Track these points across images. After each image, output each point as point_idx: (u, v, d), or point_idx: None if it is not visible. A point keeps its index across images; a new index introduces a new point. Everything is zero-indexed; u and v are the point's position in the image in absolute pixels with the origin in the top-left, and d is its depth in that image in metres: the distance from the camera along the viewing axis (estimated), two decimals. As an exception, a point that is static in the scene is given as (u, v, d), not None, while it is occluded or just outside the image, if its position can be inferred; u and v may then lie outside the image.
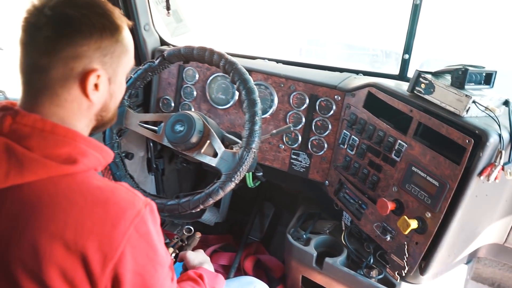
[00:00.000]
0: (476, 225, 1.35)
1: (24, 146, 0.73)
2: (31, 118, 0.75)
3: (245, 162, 1.27)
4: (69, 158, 0.75)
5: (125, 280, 0.75)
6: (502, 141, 1.15)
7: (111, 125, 0.94)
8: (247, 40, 3.73)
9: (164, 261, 0.83)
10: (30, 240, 0.70)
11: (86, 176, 0.76)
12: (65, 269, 0.71)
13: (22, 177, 0.71)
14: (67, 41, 0.75)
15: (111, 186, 0.77)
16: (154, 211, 0.82)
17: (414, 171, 1.30)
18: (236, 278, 1.41)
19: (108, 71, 0.81)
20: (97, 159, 0.80)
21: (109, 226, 0.73)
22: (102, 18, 0.78)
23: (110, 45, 0.79)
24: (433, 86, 1.29)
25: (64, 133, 0.77)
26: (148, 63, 1.51)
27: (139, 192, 0.81)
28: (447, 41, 2.67)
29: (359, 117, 1.53)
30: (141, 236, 0.76)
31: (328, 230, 1.68)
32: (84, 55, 0.76)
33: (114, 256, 0.73)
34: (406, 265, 1.33)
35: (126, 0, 1.79)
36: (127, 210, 0.75)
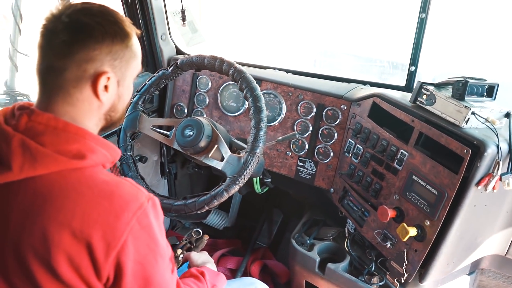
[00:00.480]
0: (476, 235, 1.36)
1: (38, 142, 0.80)
2: (45, 116, 0.82)
3: (249, 166, 1.33)
4: (79, 154, 0.81)
5: (127, 268, 0.81)
6: (500, 152, 1.17)
7: (119, 125, 1.01)
8: (264, 52, 3.81)
9: (164, 252, 0.89)
10: (41, 228, 0.77)
11: (94, 171, 0.83)
12: (71, 255, 0.77)
13: (35, 170, 0.78)
14: (82, 45, 0.82)
15: (117, 180, 0.84)
16: (157, 206, 0.88)
17: (415, 180, 1.33)
18: (238, 279, 1.45)
19: (117, 74, 0.88)
20: (105, 156, 0.87)
21: (113, 217, 0.78)
22: (114, 26, 0.86)
23: (120, 50, 0.86)
24: (434, 97, 1.32)
25: (75, 131, 0.84)
26: (162, 71, 1.59)
27: (143, 188, 0.87)
28: (462, 56, 2.68)
29: (363, 126, 1.57)
30: (143, 228, 0.82)
31: (332, 237, 1.71)
32: (96, 59, 0.83)
33: (117, 245, 0.78)
34: (405, 272, 1.36)
35: (144, 11, 1.88)
36: (131, 203, 0.81)
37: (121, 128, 1.56)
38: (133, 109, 1.58)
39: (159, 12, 1.93)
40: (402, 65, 1.67)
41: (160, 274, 0.87)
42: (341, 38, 3.18)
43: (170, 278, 0.91)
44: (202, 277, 1.17)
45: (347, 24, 3.09)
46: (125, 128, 1.56)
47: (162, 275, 0.88)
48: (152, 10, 1.88)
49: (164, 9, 1.95)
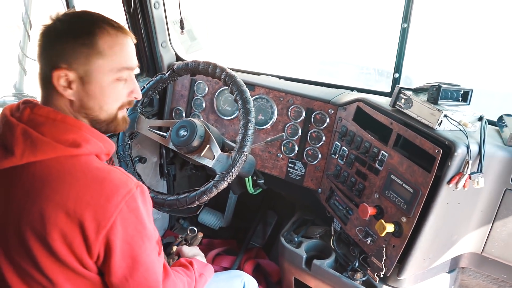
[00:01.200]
0: (451, 233, 1.43)
1: (38, 132, 0.90)
2: (46, 110, 0.93)
3: (237, 164, 1.42)
4: (74, 143, 0.91)
5: (116, 247, 0.89)
6: (469, 152, 1.25)
7: (113, 129, 1.05)
8: (267, 61, 3.94)
9: (151, 235, 0.97)
10: (39, 207, 0.86)
11: (88, 159, 0.93)
12: (65, 233, 0.86)
13: (35, 156, 0.88)
14: (43, 46, 0.94)
15: (108, 168, 0.93)
16: (145, 193, 0.97)
17: (393, 179, 1.41)
18: (226, 271, 1.52)
19: (78, 71, 0.93)
20: (99, 146, 0.96)
21: (103, 200, 0.87)
22: (77, 24, 0.94)
23: (78, 47, 0.92)
24: (411, 101, 1.41)
25: (72, 123, 0.94)
26: (159, 75, 1.69)
27: (133, 176, 0.97)
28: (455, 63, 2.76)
29: (349, 129, 1.65)
30: (131, 211, 0.91)
31: (319, 235, 1.79)
32: (55, 54, 0.92)
33: (107, 224, 0.87)
34: (384, 267, 1.43)
35: (146, 20, 2.00)
36: (120, 188, 0.90)
37: (120, 128, 1.66)
38: (132, 111, 1.68)
39: (160, 21, 2.04)
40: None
41: (147, 254, 0.96)
42: (340, 48, 3.29)
43: (156, 259, 1.00)
44: (191, 266, 1.26)
45: (345, 36, 3.21)
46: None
47: (148, 255, 0.96)
48: (153, 19, 2.00)
49: (164, 18, 2.06)
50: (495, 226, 1.44)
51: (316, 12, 3.52)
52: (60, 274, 0.90)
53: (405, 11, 1.59)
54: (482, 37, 2.48)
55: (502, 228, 1.43)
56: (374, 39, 2.79)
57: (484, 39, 2.47)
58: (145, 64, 2.13)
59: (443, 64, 2.60)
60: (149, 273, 0.98)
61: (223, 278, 1.45)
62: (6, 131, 0.92)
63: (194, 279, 1.20)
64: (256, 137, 1.91)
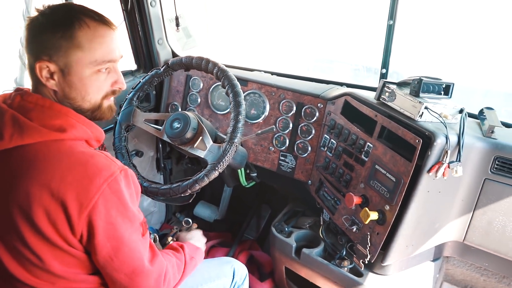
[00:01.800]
0: (433, 221, 1.49)
1: (26, 117, 0.96)
2: (35, 97, 1.00)
3: (227, 154, 1.48)
4: (60, 128, 0.97)
5: (98, 226, 0.94)
6: (448, 142, 1.31)
7: (99, 117, 1.10)
8: (264, 58, 4.01)
9: (134, 217, 1.02)
10: (25, 187, 0.92)
11: (73, 143, 0.99)
12: (49, 211, 0.91)
13: (22, 139, 0.94)
14: (31, 37, 0.99)
15: (93, 152, 0.99)
16: (129, 177, 1.01)
17: (377, 169, 1.47)
18: (217, 258, 1.58)
19: (59, 63, 0.98)
20: (85, 131, 1.02)
21: (86, 181, 0.92)
22: (56, 16, 0.98)
23: (57, 41, 0.96)
24: (395, 94, 1.47)
25: (59, 109, 1.00)
26: (155, 70, 1.75)
27: (119, 161, 1.02)
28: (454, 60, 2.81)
29: (337, 122, 1.71)
30: (113, 193, 0.95)
31: (309, 225, 1.85)
32: (37, 48, 0.98)
33: (89, 205, 0.92)
34: (369, 254, 1.49)
35: (143, 17, 2.06)
36: (103, 170, 0.95)
37: (117, 121, 1.73)
38: (128, 104, 1.74)
39: (157, 19, 2.11)
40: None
41: (129, 234, 1.00)
42: (333, 46, 3.37)
43: (139, 239, 1.04)
44: (181, 250, 1.31)
45: (338, 34, 3.28)
46: (120, 121, 1.72)
47: (131, 235, 1.01)
48: (150, 17, 2.06)
49: (161, 16, 2.12)
50: (475, 215, 1.50)
51: (311, 12, 3.60)
52: (47, 252, 0.96)
53: (391, 8, 1.65)
54: (468, 38, 2.55)
55: (482, 217, 1.49)
56: (364, 38, 2.85)
57: (469, 40, 2.54)
58: (142, 61, 2.19)
59: (431, 61, 2.66)
60: (133, 252, 1.02)
61: (214, 264, 1.51)
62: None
63: (183, 261, 1.26)
64: (249, 131, 1.97)
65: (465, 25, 2.51)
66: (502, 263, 1.55)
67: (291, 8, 3.87)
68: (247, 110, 1.98)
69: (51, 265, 0.97)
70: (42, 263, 0.97)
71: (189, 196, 1.57)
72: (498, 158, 1.41)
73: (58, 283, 1.01)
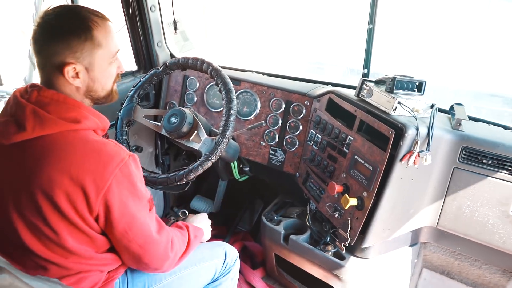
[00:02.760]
0: (408, 207, 1.63)
1: (45, 110, 1.08)
2: (50, 92, 1.11)
3: (220, 145, 1.61)
4: (75, 119, 1.10)
5: (113, 206, 1.08)
6: (418, 133, 1.45)
7: (109, 101, 1.25)
8: (263, 61, 4.18)
9: (142, 195, 1.16)
10: (46, 173, 1.05)
11: (87, 133, 1.12)
12: (69, 193, 1.04)
13: (43, 130, 1.07)
14: (47, 42, 1.08)
15: (104, 141, 1.12)
16: (136, 161, 1.16)
17: (357, 159, 1.61)
18: (210, 242, 1.71)
19: (83, 63, 1.10)
20: (95, 122, 1.15)
21: (101, 167, 1.06)
22: (73, 22, 1.10)
23: (80, 44, 1.09)
24: (372, 91, 1.61)
25: (72, 102, 1.13)
26: (154, 70, 1.90)
27: (125, 147, 1.16)
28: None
29: (322, 118, 1.85)
30: (124, 176, 1.09)
31: (296, 214, 1.98)
32: (58, 53, 1.09)
33: (104, 187, 1.06)
34: (349, 237, 1.62)
35: (143, 22, 2.21)
36: (115, 157, 1.08)
37: (119, 116, 1.87)
38: (129, 101, 1.88)
39: (156, 23, 2.25)
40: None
41: (139, 210, 1.15)
42: (323, 49, 3.54)
43: (147, 214, 1.19)
44: (186, 229, 1.43)
45: (327, 38, 3.45)
46: (122, 116, 1.86)
47: (141, 211, 1.15)
48: (150, 21, 2.21)
49: (160, 20, 2.27)
50: (446, 201, 1.63)
51: (303, 18, 3.77)
52: (64, 229, 1.09)
53: (371, 13, 1.80)
54: (445, 42, 2.71)
55: (452, 203, 1.63)
56: (351, 41, 3.01)
57: (446, 43, 2.70)
58: (142, 62, 2.34)
59: (412, 63, 2.82)
60: (144, 225, 1.17)
61: (207, 247, 1.64)
62: (18, 110, 1.10)
63: (187, 237, 1.39)
64: (242, 127, 2.11)
65: (442, 30, 2.68)
66: (472, 247, 1.69)
67: (285, 13, 4.04)
68: (240, 108, 2.12)
69: (66, 240, 1.10)
70: (58, 238, 1.09)
71: (185, 184, 1.71)
72: (465, 149, 1.56)
73: (70, 258, 1.14)
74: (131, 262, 1.24)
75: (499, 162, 1.52)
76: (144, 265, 1.25)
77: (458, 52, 2.59)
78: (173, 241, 1.30)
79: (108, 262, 1.23)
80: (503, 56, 2.69)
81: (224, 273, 1.62)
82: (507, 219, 1.54)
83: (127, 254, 1.21)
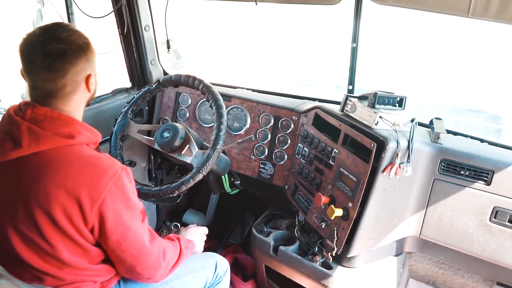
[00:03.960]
0: (391, 216, 1.69)
1: (40, 127, 1.13)
2: (44, 109, 1.15)
3: (211, 159, 1.68)
4: (69, 135, 1.15)
5: (107, 217, 1.14)
6: (399, 146, 1.53)
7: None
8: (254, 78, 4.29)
9: (135, 206, 1.21)
10: (43, 187, 1.10)
11: (81, 148, 1.17)
12: (65, 206, 1.10)
13: (39, 146, 1.12)
14: (67, 66, 1.14)
15: (98, 155, 1.18)
16: (129, 174, 1.22)
17: (342, 171, 1.68)
18: (201, 253, 1.75)
19: (93, 71, 1.22)
20: (88, 137, 1.21)
21: (95, 180, 1.12)
22: (79, 40, 1.17)
23: (90, 56, 1.20)
24: (355, 106, 1.70)
25: (66, 119, 1.17)
26: (147, 87, 1.97)
27: (118, 161, 1.22)
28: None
29: (309, 132, 1.93)
30: (118, 188, 1.15)
31: (285, 226, 2.04)
32: (83, 68, 1.18)
33: (99, 199, 1.11)
34: (336, 247, 1.68)
35: (137, 40, 2.29)
36: (108, 170, 1.14)
37: (113, 131, 1.93)
38: (123, 117, 1.95)
39: (150, 42, 2.34)
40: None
41: (132, 221, 1.20)
42: (312, 68, 3.68)
43: (140, 225, 1.24)
44: (177, 241, 1.48)
45: (316, 57, 3.58)
46: (116, 131, 1.92)
47: (134, 222, 1.21)
48: (144, 40, 2.30)
49: (154, 39, 2.36)
50: (428, 211, 1.71)
51: (293, 38, 3.91)
52: (59, 241, 1.14)
53: (354, 33, 1.90)
54: (426, 60, 2.84)
55: (433, 213, 1.70)
56: (338, 59, 3.14)
57: (426, 60, 2.83)
58: (136, 79, 2.41)
59: (397, 80, 2.94)
60: (136, 236, 1.22)
61: (198, 258, 1.68)
62: (13, 128, 1.14)
63: (179, 248, 1.44)
64: (232, 141, 2.17)
65: (424, 48, 2.81)
66: (454, 256, 1.75)
67: (275, 33, 4.18)
68: (231, 123, 2.20)
69: (61, 253, 1.15)
70: (53, 251, 1.14)
71: (177, 197, 1.76)
72: (444, 160, 1.64)
73: (65, 269, 1.19)
74: (124, 272, 1.30)
75: (475, 173, 1.60)
76: (137, 275, 1.29)
77: (438, 69, 2.71)
78: (165, 251, 1.35)
79: (101, 273, 1.28)
80: (480, 72, 2.83)
81: (215, 283, 1.67)
82: (485, 227, 1.61)
83: (120, 264, 1.26)
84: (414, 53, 2.76)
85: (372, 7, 1.80)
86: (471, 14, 1.49)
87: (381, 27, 2.60)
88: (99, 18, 2.05)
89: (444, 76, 2.67)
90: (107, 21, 2.19)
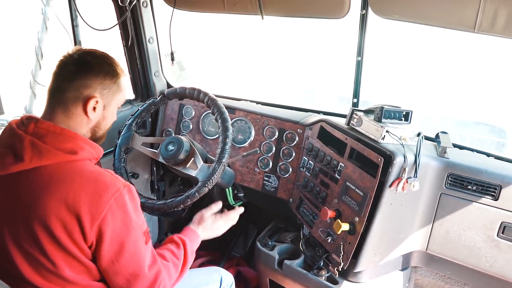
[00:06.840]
0: (398, 231, 1.68)
1: (42, 142, 1.12)
2: (46, 124, 1.16)
3: (216, 172, 1.67)
4: (72, 150, 1.14)
5: (106, 235, 1.11)
6: (406, 161, 1.52)
7: (99, 141, 1.31)
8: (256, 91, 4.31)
9: (137, 226, 1.18)
10: (44, 203, 1.08)
11: (83, 163, 1.16)
12: (66, 223, 1.08)
13: (41, 161, 1.11)
14: (82, 75, 1.18)
15: (100, 170, 1.16)
16: (132, 191, 1.18)
17: (348, 185, 1.67)
18: (206, 268, 1.74)
19: (104, 100, 1.22)
20: (91, 152, 1.20)
21: (96, 197, 1.09)
22: (108, 67, 1.22)
23: (109, 84, 1.22)
24: (362, 120, 1.70)
25: (68, 134, 1.17)
26: (152, 99, 1.96)
27: (121, 178, 1.19)
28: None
29: (314, 145, 1.92)
30: (119, 206, 1.12)
31: (290, 239, 2.02)
32: (91, 86, 1.18)
33: (99, 217, 1.09)
34: (342, 261, 1.66)
35: (141, 52, 2.29)
36: (110, 187, 1.12)
37: (117, 144, 1.92)
38: (127, 130, 1.94)
39: (153, 54, 2.34)
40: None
41: (132, 243, 1.16)
42: (316, 79, 3.69)
43: (142, 247, 1.19)
44: (182, 246, 1.41)
45: (321, 69, 3.60)
46: (120, 144, 1.91)
47: (134, 243, 1.16)
48: (148, 52, 2.30)
49: (157, 51, 2.36)
50: (434, 226, 1.69)
51: (298, 49, 3.92)
52: (61, 259, 1.11)
53: (359, 46, 1.90)
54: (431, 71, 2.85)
55: (440, 228, 1.69)
56: (344, 71, 3.16)
57: (432, 73, 2.84)
58: (139, 91, 2.41)
59: (403, 93, 2.95)
60: (134, 258, 1.17)
61: (203, 272, 1.67)
62: (15, 141, 1.13)
63: (182, 258, 1.38)
64: (236, 154, 2.17)
65: (430, 62, 2.82)
66: (461, 271, 1.74)
67: (280, 45, 4.20)
68: (235, 135, 2.19)
69: (63, 270, 1.12)
70: (55, 269, 1.11)
71: (182, 210, 1.75)
72: (450, 175, 1.63)
73: (67, 287, 1.16)
74: None
75: (483, 188, 1.59)
76: None
77: (444, 81, 2.73)
78: (163, 278, 1.26)
79: None
80: (487, 85, 2.84)
81: (219, 298, 1.64)
82: (492, 243, 1.60)
83: (111, 284, 1.20)
84: (420, 66, 2.78)
85: (377, 21, 1.81)
86: (477, 29, 1.49)
87: (387, 40, 2.62)
88: (104, 30, 2.05)
89: (450, 89, 2.68)
90: (111, 33, 2.20)
